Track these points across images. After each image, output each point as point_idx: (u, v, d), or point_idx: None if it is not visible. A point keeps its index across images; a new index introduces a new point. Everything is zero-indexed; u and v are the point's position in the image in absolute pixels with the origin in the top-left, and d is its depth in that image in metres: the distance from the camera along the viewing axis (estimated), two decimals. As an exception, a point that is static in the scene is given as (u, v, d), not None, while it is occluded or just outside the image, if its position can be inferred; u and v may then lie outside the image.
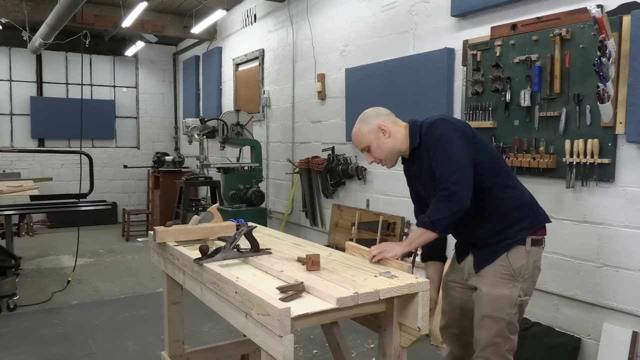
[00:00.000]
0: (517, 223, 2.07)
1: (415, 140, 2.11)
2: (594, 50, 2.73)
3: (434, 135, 2.03)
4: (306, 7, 5.51)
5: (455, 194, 1.93)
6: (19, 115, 8.38)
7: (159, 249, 2.50)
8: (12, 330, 3.91)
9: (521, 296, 2.06)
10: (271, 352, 1.55)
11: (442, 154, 1.98)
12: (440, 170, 1.98)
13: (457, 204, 1.94)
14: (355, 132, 2.22)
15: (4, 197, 5.04)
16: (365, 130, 2.18)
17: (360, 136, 2.19)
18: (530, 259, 2.06)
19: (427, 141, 2.06)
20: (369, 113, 2.23)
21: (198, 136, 5.78)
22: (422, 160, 2.11)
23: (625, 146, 2.78)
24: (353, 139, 2.25)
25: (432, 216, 1.97)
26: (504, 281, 2.04)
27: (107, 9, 7.01)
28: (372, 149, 2.19)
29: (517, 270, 2.04)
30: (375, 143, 2.17)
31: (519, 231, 2.06)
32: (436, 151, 2.01)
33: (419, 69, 3.96)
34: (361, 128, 2.19)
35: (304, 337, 3.66)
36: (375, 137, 2.16)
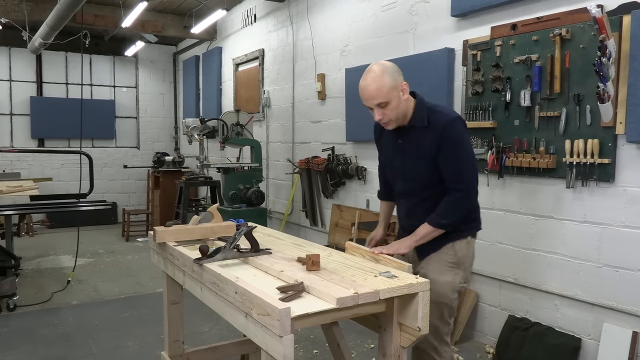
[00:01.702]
0: (469, 222, 2.24)
1: (423, 120, 2.13)
2: (594, 50, 2.73)
3: (451, 134, 2.09)
4: (306, 7, 5.51)
5: (469, 195, 2.14)
6: (19, 115, 8.38)
7: (159, 249, 2.50)
8: (12, 330, 3.91)
9: (462, 282, 2.22)
10: (271, 352, 1.55)
11: (461, 154, 2.11)
12: (456, 169, 2.11)
13: (468, 204, 2.16)
14: (377, 84, 2.03)
15: (4, 197, 5.04)
16: (390, 85, 2.04)
17: (385, 90, 2.03)
18: (470, 250, 2.25)
19: (443, 132, 2.09)
20: (390, 66, 2.08)
21: (198, 136, 5.77)
22: (421, 140, 2.14)
23: (625, 146, 2.78)
24: (369, 91, 2.05)
25: (447, 218, 2.12)
26: (449, 268, 2.18)
27: (107, 9, 7.01)
28: (390, 106, 2.07)
29: (461, 259, 2.21)
30: (396, 101, 2.07)
31: (468, 229, 2.24)
32: (454, 148, 2.10)
33: (419, 69, 3.95)
34: (386, 81, 2.03)
35: (304, 337, 3.66)
36: (397, 95, 2.07)
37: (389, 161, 2.35)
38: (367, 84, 2.07)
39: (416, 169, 2.19)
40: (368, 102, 2.09)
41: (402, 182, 2.28)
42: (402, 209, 2.35)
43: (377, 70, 2.07)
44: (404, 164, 2.23)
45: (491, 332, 3.58)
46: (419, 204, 2.22)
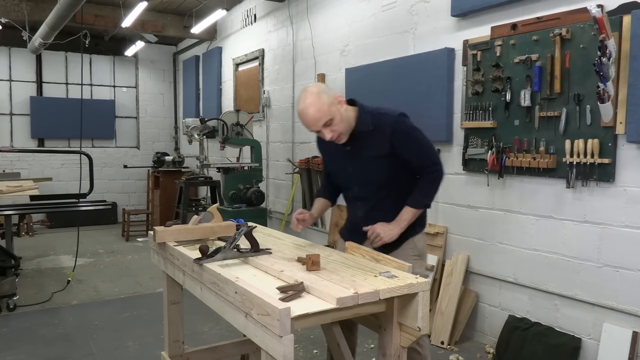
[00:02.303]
0: (421, 219, 2.37)
1: (368, 124, 2.21)
2: (594, 50, 2.73)
3: (403, 128, 2.22)
4: (306, 7, 5.51)
5: (441, 172, 2.28)
6: (19, 115, 8.38)
7: (159, 249, 2.50)
8: (12, 330, 3.91)
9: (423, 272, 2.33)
10: (271, 352, 1.55)
11: (420, 143, 2.25)
12: (421, 157, 2.25)
13: (441, 180, 2.29)
14: (315, 108, 2.08)
15: (4, 197, 5.04)
16: (328, 102, 2.11)
17: (325, 108, 2.09)
18: (425, 242, 2.42)
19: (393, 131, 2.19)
20: (321, 85, 2.22)
21: (198, 136, 5.77)
22: (370, 143, 2.22)
23: (625, 146, 2.78)
24: (311, 115, 2.09)
25: (428, 197, 2.28)
26: (414, 261, 2.23)
27: (107, 9, 7.01)
28: (335, 122, 2.13)
29: (421, 250, 2.37)
30: (338, 115, 2.14)
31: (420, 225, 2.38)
32: (410, 142, 2.22)
33: (419, 69, 3.96)
34: (323, 99, 2.10)
35: (304, 337, 3.66)
36: (337, 109, 2.14)
37: (339, 169, 2.40)
38: (307, 108, 2.10)
39: (371, 172, 2.27)
40: (314, 126, 2.13)
41: (357, 188, 2.35)
42: (359, 212, 2.39)
43: (311, 93, 2.12)
44: (358, 169, 2.29)
45: (491, 332, 3.58)
46: (377, 205, 2.30)
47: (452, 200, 3.85)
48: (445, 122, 3.77)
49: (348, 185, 2.40)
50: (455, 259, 3.74)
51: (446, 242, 3.89)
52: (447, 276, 3.74)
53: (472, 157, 3.61)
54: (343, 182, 2.44)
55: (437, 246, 3.92)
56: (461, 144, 3.72)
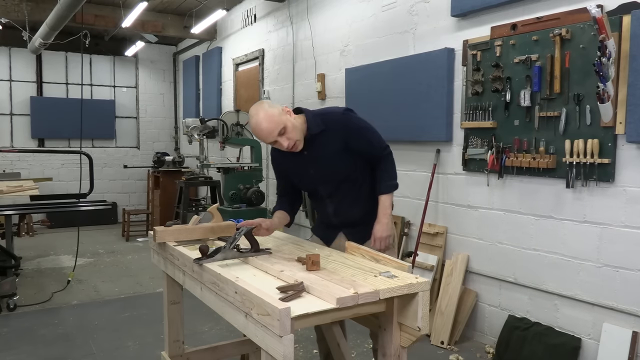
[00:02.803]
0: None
1: (318, 125, 2.31)
2: (594, 50, 2.73)
3: (351, 123, 2.35)
4: (306, 7, 5.51)
5: (390, 151, 2.45)
6: (19, 115, 8.38)
7: (159, 249, 2.50)
8: (12, 330, 3.91)
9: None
10: (271, 352, 1.55)
11: (370, 135, 2.40)
12: (373, 146, 2.40)
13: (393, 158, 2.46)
14: (267, 119, 2.17)
15: (4, 197, 5.04)
16: (277, 112, 2.20)
17: (276, 119, 2.18)
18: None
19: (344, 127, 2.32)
20: (265, 101, 2.33)
21: (198, 136, 5.78)
22: (325, 142, 2.32)
23: (625, 146, 2.78)
24: (265, 126, 2.18)
25: (392, 177, 2.43)
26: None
27: (107, 9, 7.01)
28: (288, 130, 2.21)
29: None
30: (290, 123, 2.23)
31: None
32: (362, 134, 2.36)
33: (419, 69, 3.96)
34: (273, 111, 2.20)
35: (304, 337, 3.66)
36: (288, 118, 2.23)
37: (301, 175, 2.46)
38: (259, 121, 2.19)
39: (331, 168, 2.37)
40: (270, 136, 2.21)
41: (322, 187, 2.43)
42: (329, 209, 2.48)
43: (259, 109, 2.21)
44: (319, 169, 2.38)
45: (491, 332, 3.58)
46: (343, 199, 2.42)
47: (452, 200, 3.85)
48: (445, 122, 3.77)
49: (313, 187, 2.48)
50: (455, 259, 3.75)
51: (446, 242, 3.89)
52: (447, 276, 3.74)
53: (472, 157, 3.61)
54: (307, 186, 2.53)
55: (437, 246, 3.92)
56: (461, 144, 3.72)
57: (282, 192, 2.63)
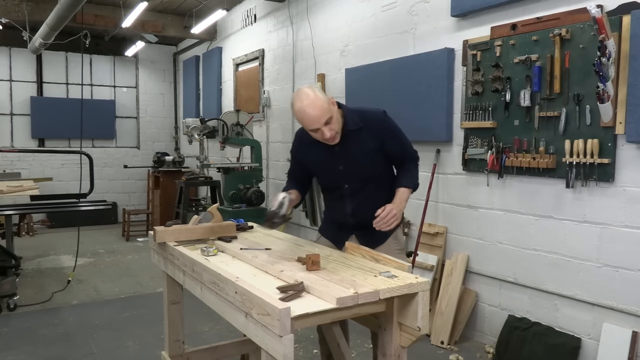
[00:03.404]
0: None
1: (356, 122, 2.27)
2: (594, 50, 2.73)
3: (390, 124, 2.35)
4: (306, 7, 5.51)
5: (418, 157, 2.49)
6: (19, 115, 8.38)
7: (159, 249, 2.50)
8: (12, 330, 3.91)
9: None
10: (271, 352, 1.55)
11: (404, 138, 2.42)
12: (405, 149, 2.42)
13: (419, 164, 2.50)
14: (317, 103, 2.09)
15: (4, 197, 5.04)
16: (326, 100, 2.14)
17: (325, 106, 2.11)
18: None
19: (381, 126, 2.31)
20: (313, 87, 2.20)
21: (198, 136, 5.78)
22: (361, 140, 2.28)
23: (625, 146, 2.78)
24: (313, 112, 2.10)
25: (415, 177, 2.41)
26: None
27: (107, 9, 7.01)
28: (333, 120, 2.15)
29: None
30: (335, 114, 2.17)
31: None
32: (395, 136, 2.36)
33: (419, 69, 3.96)
34: (322, 98, 2.12)
35: (304, 337, 3.66)
36: (334, 109, 2.18)
37: (328, 170, 2.41)
38: (308, 106, 2.11)
39: (362, 168, 2.34)
40: (315, 123, 2.13)
41: (348, 184, 2.38)
42: (347, 209, 2.42)
43: (309, 92, 2.13)
44: (349, 167, 2.34)
45: (491, 332, 3.58)
46: (365, 200, 2.36)
47: (452, 200, 3.85)
48: (445, 122, 3.78)
49: (337, 183, 2.41)
50: (455, 258, 3.75)
51: (446, 242, 3.89)
52: (447, 276, 3.74)
53: (472, 157, 3.61)
54: (331, 181, 2.46)
55: (437, 246, 3.92)
56: (461, 144, 3.72)
57: (294, 178, 2.60)
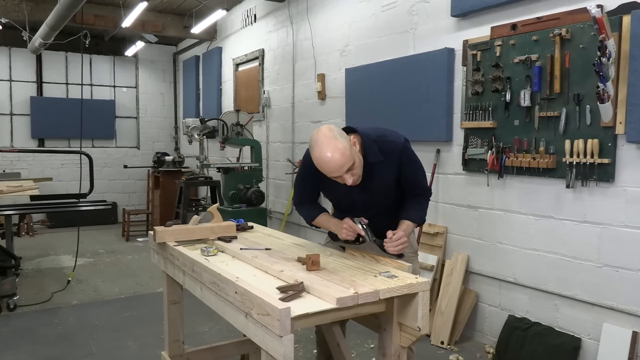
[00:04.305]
0: None
1: (377, 154, 2.11)
2: (594, 50, 2.73)
3: (409, 155, 2.22)
4: (306, 7, 5.51)
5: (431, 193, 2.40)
6: (19, 115, 8.38)
7: (159, 249, 2.50)
8: (12, 330, 3.91)
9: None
10: (271, 352, 1.55)
11: (421, 171, 2.30)
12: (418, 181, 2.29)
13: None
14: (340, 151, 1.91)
15: (4, 197, 5.04)
16: (348, 146, 1.94)
17: (347, 153, 1.93)
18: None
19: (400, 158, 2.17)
20: (333, 129, 1.98)
21: (198, 136, 5.78)
22: (382, 172, 2.16)
23: (625, 146, 2.78)
24: (336, 161, 1.92)
25: (424, 214, 2.31)
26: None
27: (107, 9, 7.01)
28: (355, 165, 2.00)
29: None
30: (358, 158, 2.02)
31: None
32: (412, 167, 2.24)
33: (419, 69, 3.96)
34: (344, 145, 1.93)
35: (304, 337, 3.66)
36: (355, 152, 2.01)
37: (343, 197, 2.28)
38: (330, 155, 1.92)
39: (380, 199, 2.26)
40: (336, 172, 1.97)
41: (362, 210, 2.23)
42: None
43: (329, 138, 1.94)
44: (366, 198, 2.22)
45: (491, 332, 3.58)
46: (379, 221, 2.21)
47: (452, 200, 3.85)
48: (445, 122, 3.78)
49: (351, 209, 2.26)
50: (455, 258, 3.74)
51: (446, 242, 3.89)
52: (447, 276, 3.74)
53: (472, 157, 3.61)
54: (345, 207, 2.32)
55: (437, 246, 3.92)
56: (461, 144, 3.72)
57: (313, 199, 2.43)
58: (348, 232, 2.16)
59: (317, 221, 2.38)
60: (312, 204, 2.42)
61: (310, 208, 2.41)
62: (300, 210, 2.45)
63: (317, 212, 2.38)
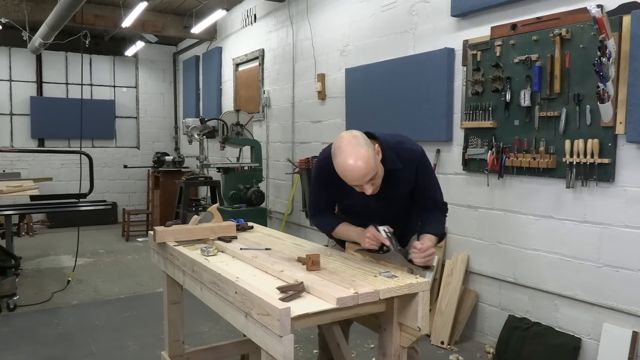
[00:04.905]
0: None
1: (396, 162, 2.07)
2: (594, 50, 2.73)
3: (426, 165, 2.19)
4: (306, 7, 5.51)
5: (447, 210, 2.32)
6: (19, 115, 8.38)
7: (159, 249, 2.50)
8: (12, 330, 3.91)
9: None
10: (271, 352, 1.55)
11: (434, 182, 2.26)
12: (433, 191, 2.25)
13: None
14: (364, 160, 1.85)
15: (4, 197, 5.04)
16: (372, 155, 1.89)
17: (372, 163, 1.87)
18: None
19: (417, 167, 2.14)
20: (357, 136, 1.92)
21: (198, 136, 5.78)
22: (399, 180, 2.13)
23: (625, 146, 2.78)
24: (359, 171, 1.86)
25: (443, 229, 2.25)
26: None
27: (107, 9, 7.01)
28: (377, 175, 1.94)
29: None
30: (380, 169, 1.97)
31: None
32: (428, 179, 2.21)
33: (419, 69, 3.96)
34: (369, 154, 1.87)
35: (304, 337, 3.66)
36: (378, 162, 1.95)
37: (358, 205, 2.22)
38: (353, 163, 1.85)
39: (396, 207, 2.24)
40: (358, 181, 1.90)
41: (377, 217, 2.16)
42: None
43: (354, 145, 1.87)
44: (383, 206, 2.18)
45: (491, 332, 3.58)
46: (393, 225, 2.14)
47: (452, 200, 3.84)
48: (445, 122, 3.77)
49: (366, 218, 2.18)
50: (455, 258, 3.74)
51: (446, 242, 3.89)
52: (447, 276, 3.74)
53: (472, 157, 3.61)
54: (359, 213, 2.25)
55: (437, 246, 3.91)
56: (461, 144, 3.72)
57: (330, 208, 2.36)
58: (371, 241, 2.07)
59: (337, 231, 2.29)
60: (329, 213, 2.35)
61: (328, 219, 2.33)
62: (318, 221, 2.36)
63: (337, 222, 2.29)
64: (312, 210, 2.38)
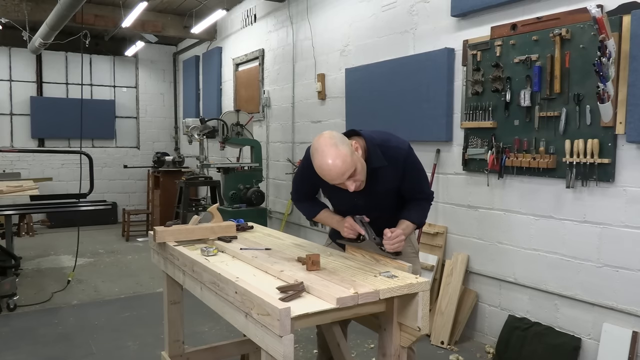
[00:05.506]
0: None
1: (381, 159, 2.08)
2: (594, 50, 2.73)
3: (413, 161, 2.20)
4: (306, 7, 5.51)
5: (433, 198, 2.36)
6: (19, 115, 8.38)
7: (159, 249, 2.50)
8: (12, 330, 3.91)
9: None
10: (271, 352, 1.55)
11: (424, 177, 2.29)
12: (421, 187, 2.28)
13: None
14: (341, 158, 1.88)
15: (4, 197, 5.04)
16: (349, 153, 1.91)
17: (349, 160, 1.90)
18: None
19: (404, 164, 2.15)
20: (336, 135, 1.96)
21: (198, 136, 5.78)
22: (385, 177, 2.13)
23: (625, 146, 2.78)
24: (337, 169, 1.89)
25: (424, 217, 2.31)
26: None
27: (107, 9, 7.01)
28: (357, 172, 1.97)
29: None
30: (360, 164, 1.99)
31: None
32: (416, 174, 2.23)
33: (419, 69, 3.96)
34: (345, 152, 1.90)
35: (304, 337, 3.66)
36: (357, 158, 1.98)
37: (344, 202, 2.25)
38: (331, 163, 1.89)
39: (383, 203, 2.24)
40: (337, 180, 1.95)
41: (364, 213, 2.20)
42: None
43: (330, 145, 1.90)
44: (369, 203, 2.20)
45: (491, 332, 3.58)
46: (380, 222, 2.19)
47: (452, 200, 3.85)
48: (445, 122, 3.78)
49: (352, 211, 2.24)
50: (455, 258, 3.74)
51: (446, 242, 3.89)
52: (447, 276, 3.74)
53: (472, 157, 3.61)
54: (346, 210, 2.28)
55: (437, 246, 3.92)
56: (461, 144, 3.72)
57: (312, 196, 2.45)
58: (349, 230, 2.19)
59: (318, 217, 2.43)
60: (311, 200, 2.46)
61: (310, 204, 2.45)
62: (300, 206, 2.50)
63: (319, 209, 2.42)
64: (296, 196, 2.49)
